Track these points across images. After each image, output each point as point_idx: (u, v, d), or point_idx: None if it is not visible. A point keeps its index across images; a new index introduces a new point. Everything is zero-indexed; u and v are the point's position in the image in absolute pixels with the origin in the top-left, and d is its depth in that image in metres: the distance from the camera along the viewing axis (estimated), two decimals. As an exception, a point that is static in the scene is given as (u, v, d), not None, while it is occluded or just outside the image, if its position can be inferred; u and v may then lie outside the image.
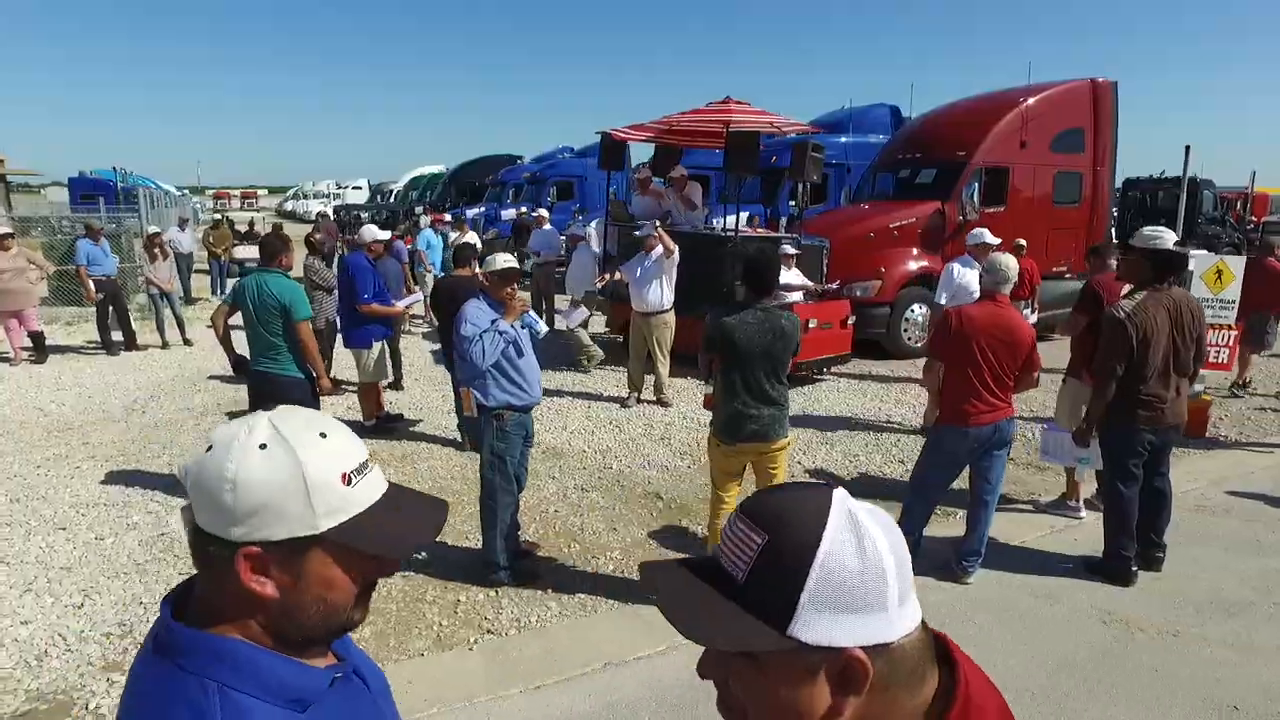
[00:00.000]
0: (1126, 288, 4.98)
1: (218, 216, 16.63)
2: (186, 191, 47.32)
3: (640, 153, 11.69)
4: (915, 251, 10.48)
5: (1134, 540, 4.30)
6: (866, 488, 5.72)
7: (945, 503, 5.43)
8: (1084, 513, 5.26)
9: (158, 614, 0.95)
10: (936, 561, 4.45)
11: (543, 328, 4.11)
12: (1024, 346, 4.05)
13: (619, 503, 5.44)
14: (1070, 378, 5.31)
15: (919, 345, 10.47)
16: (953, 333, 4.03)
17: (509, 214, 18.54)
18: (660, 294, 7.67)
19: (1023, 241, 10.11)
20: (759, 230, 9.79)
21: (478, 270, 6.13)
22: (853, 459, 6.42)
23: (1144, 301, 4.07)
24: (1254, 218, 26.78)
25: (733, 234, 8.74)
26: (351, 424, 5.07)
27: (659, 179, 10.09)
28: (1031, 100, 10.90)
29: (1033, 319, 9.66)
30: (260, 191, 78.02)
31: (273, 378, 4.81)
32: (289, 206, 57.05)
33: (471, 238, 12.31)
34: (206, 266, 15.61)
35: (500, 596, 4.13)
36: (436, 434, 6.87)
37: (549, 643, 3.74)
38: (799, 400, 8.12)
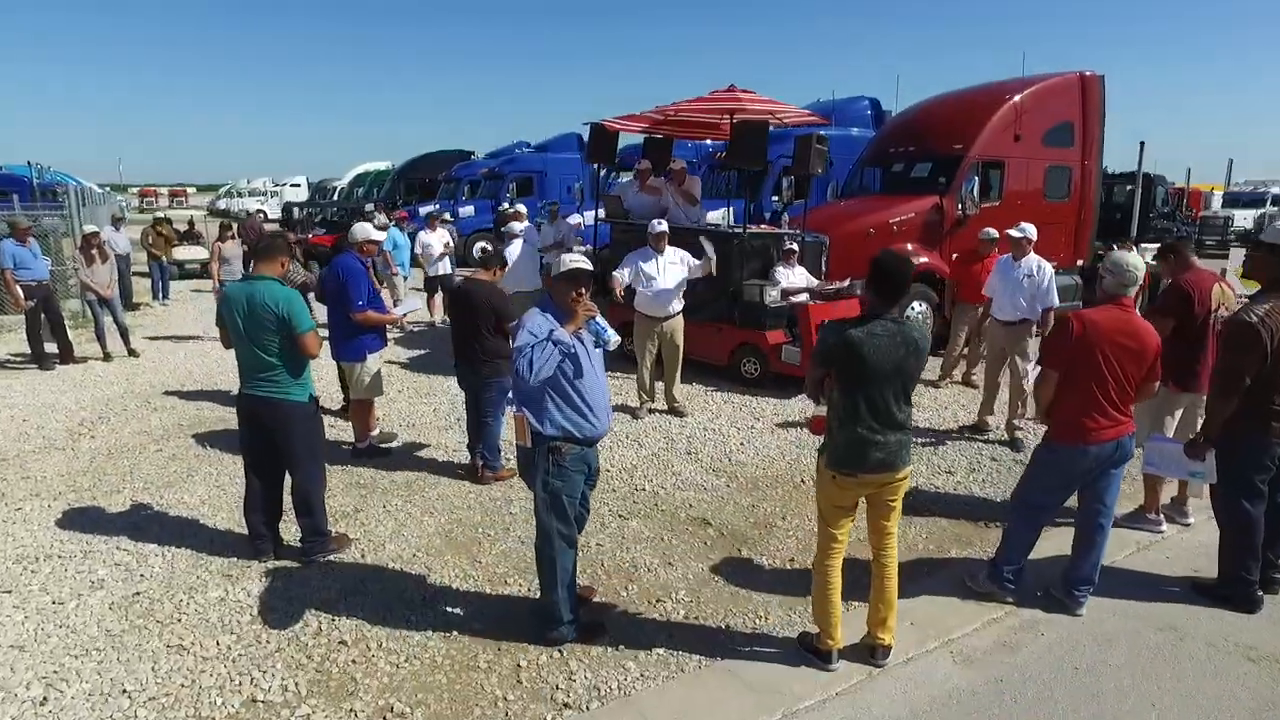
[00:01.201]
0: (1217, 286, 4.66)
1: (160, 214, 15.32)
2: (108, 189, 44.70)
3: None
4: (914, 248, 10.14)
5: (1259, 562, 3.92)
6: (926, 504, 5.26)
7: (995, 517, 5.04)
8: (1164, 526, 4.91)
9: None
10: (1033, 589, 4.01)
11: (614, 338, 3.48)
12: (1150, 354, 3.61)
13: (665, 532, 4.86)
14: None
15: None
16: (1074, 340, 3.56)
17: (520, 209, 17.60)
18: (678, 297, 7.11)
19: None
20: (762, 227, 9.29)
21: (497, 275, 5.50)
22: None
23: (1278, 305, 3.68)
24: (1191, 213, 27.57)
25: (739, 230, 8.22)
26: (344, 447, 4.38)
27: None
28: (1024, 93, 10.68)
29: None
30: (189, 189, 74.90)
31: (274, 404, 4.08)
32: (221, 205, 54.86)
33: (443, 236, 11.56)
34: (145, 269, 14.38)
35: (567, 657, 3.51)
36: (438, 455, 6.17)
37: (642, 717, 3.14)
38: (811, 405, 7.66)
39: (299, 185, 51.91)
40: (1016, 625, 3.81)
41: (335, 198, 36.22)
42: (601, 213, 9.98)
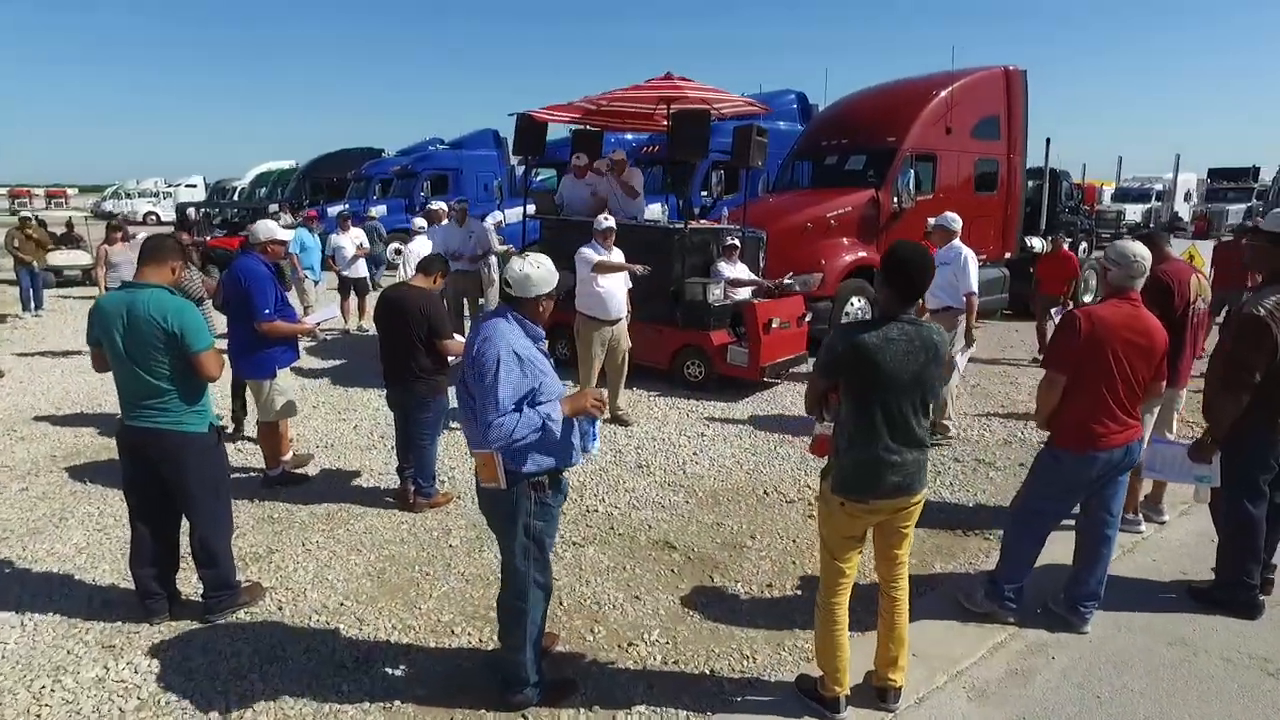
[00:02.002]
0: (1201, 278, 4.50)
1: (27, 215, 13.79)
2: None
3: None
4: (851, 242, 9.97)
5: (1260, 565, 3.73)
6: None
7: (971, 525, 4.78)
8: (1144, 525, 4.73)
9: None
10: (1032, 604, 3.72)
11: (596, 447, 3.07)
12: (1159, 352, 3.35)
13: (626, 559, 4.37)
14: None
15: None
16: (1082, 339, 3.25)
17: (439, 207, 16.45)
18: (624, 298, 6.63)
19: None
20: (702, 222, 8.90)
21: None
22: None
23: (1286, 296, 3.46)
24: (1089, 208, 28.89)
25: (680, 225, 7.80)
26: (252, 474, 3.62)
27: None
28: (953, 86, 10.66)
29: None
30: (70, 190, 69.96)
31: (165, 436, 3.38)
32: (107, 206, 51.44)
33: (356, 237, 10.73)
34: (14, 276, 12.90)
35: (534, 726, 2.99)
36: (363, 480, 5.49)
37: (630, 800, 2.65)
38: (764, 408, 7.32)
39: (195, 186, 49.18)
40: (1024, 649, 3.49)
41: (235, 198, 34.26)
42: (531, 209, 9.41)
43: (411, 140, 25.06)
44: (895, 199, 10.04)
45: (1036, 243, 13.37)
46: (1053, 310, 9.07)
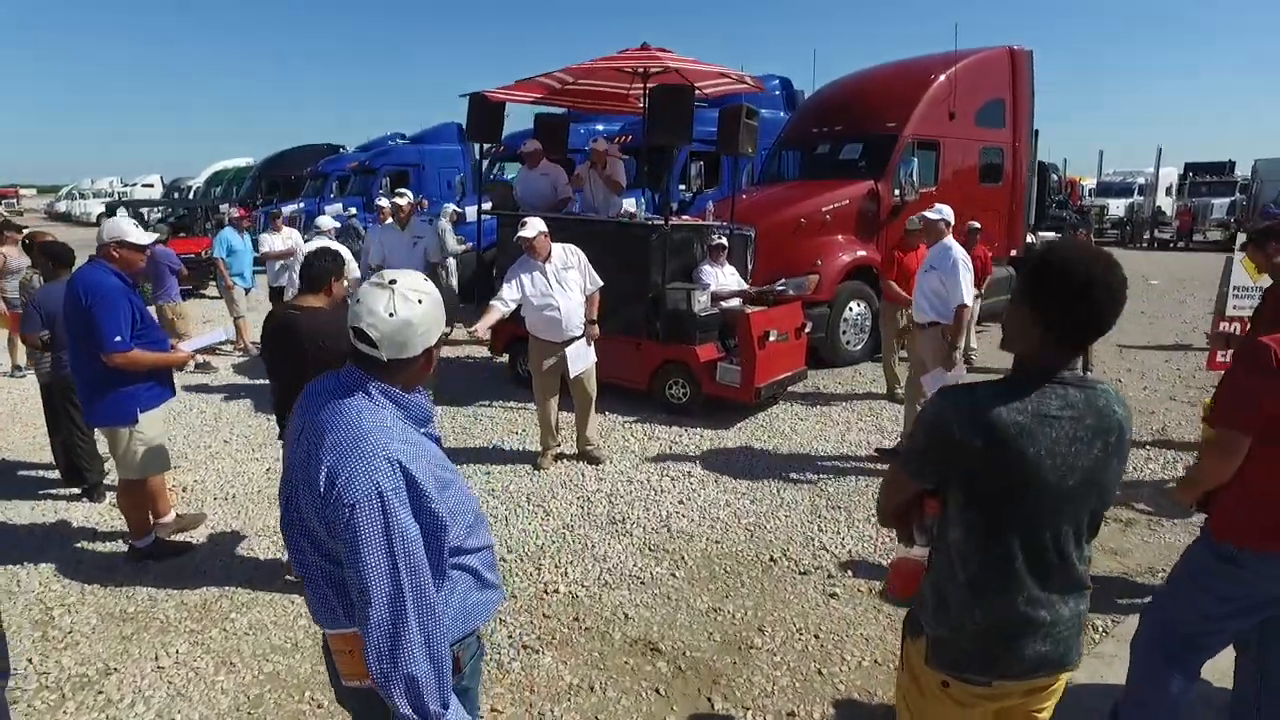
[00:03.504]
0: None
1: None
2: None
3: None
4: (849, 239, 8.92)
5: None
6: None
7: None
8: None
9: None
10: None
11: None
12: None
13: (595, 670, 3.24)
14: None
15: (858, 349, 8.96)
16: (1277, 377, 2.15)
17: (331, 213, 15.07)
18: (578, 314, 5.46)
19: (977, 224, 8.88)
20: (684, 218, 7.78)
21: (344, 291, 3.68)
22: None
23: None
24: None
25: (659, 222, 6.68)
26: (117, 547, 2.12)
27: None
28: (957, 67, 9.64)
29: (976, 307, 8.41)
30: (26, 191, 67.50)
31: None
32: (62, 208, 49.65)
33: (289, 238, 9.43)
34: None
35: None
36: (261, 549, 4.31)
37: None
38: (761, 436, 6.22)
39: (151, 185, 47.32)
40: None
41: (191, 198, 32.68)
42: (487, 205, 8.24)
43: (377, 135, 23.75)
44: (896, 191, 9.01)
45: (1031, 239, 12.50)
46: None
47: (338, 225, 9.33)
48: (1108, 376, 8.09)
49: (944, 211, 5.50)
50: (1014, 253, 10.99)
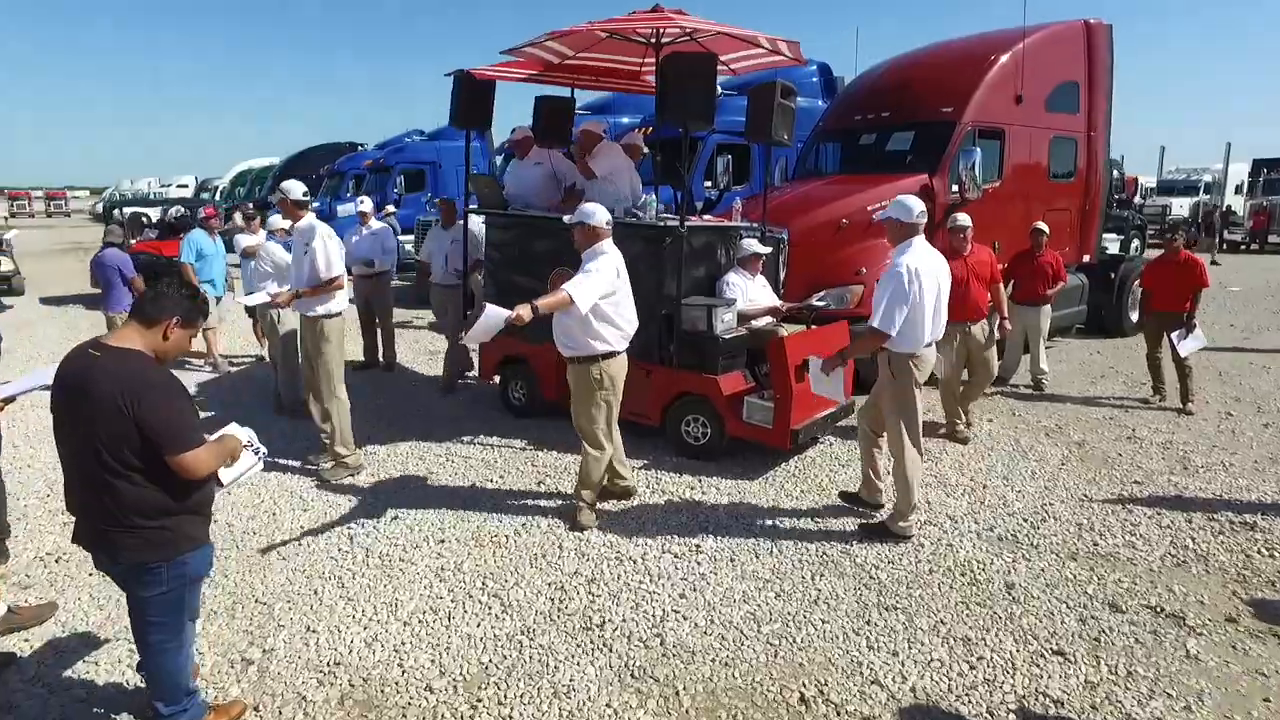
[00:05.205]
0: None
1: None
2: None
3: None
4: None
5: None
6: None
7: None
8: None
9: None
10: None
11: None
12: None
13: None
14: None
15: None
16: None
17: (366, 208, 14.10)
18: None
19: (1044, 227, 7.56)
20: (705, 218, 6.58)
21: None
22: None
23: None
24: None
25: (674, 222, 5.50)
26: None
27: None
28: (1024, 43, 8.29)
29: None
30: (80, 192, 68.89)
31: None
32: (99, 209, 50.38)
33: (257, 239, 8.37)
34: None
35: None
36: (101, 670, 3.22)
37: None
38: (794, 493, 5.01)
39: (186, 186, 47.62)
40: None
41: (217, 198, 32.40)
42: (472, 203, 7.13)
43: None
44: (955, 186, 7.71)
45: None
46: (1173, 335, 6.75)
47: (354, 212, 8.29)
48: (1212, 411, 6.69)
49: (910, 205, 4.24)
50: (1086, 259, 9.61)
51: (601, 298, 4.11)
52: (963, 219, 6.28)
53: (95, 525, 2.41)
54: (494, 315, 3.76)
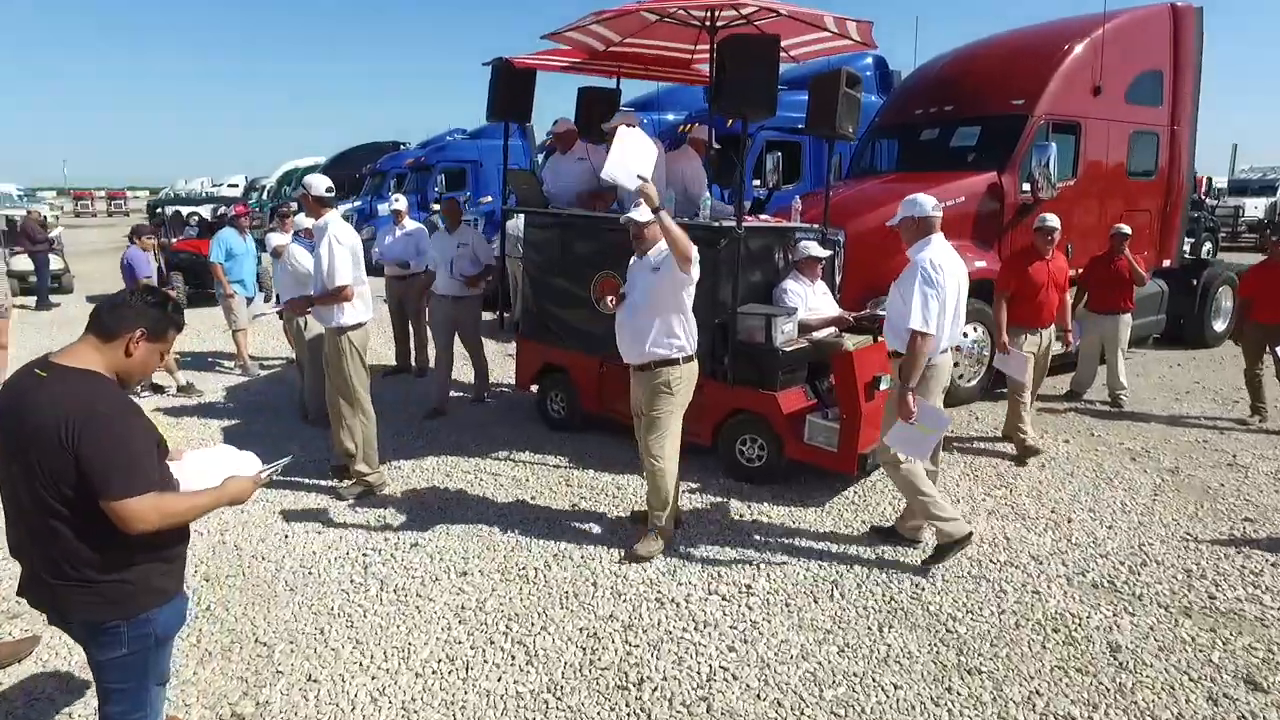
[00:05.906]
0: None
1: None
2: (31, 193, 40.20)
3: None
4: (964, 246, 7.02)
5: None
6: None
7: None
8: None
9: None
10: None
11: None
12: None
13: None
14: None
15: (972, 384, 7.11)
16: None
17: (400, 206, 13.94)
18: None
19: (1126, 229, 6.92)
20: (763, 218, 6.10)
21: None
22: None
23: None
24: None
25: (730, 224, 5.04)
26: None
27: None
28: (1103, 29, 7.63)
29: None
30: (140, 192, 70.89)
31: None
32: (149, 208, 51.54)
33: (286, 238, 8.11)
34: None
35: None
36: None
37: None
38: (847, 517, 4.52)
39: (236, 185, 48.43)
40: None
41: (264, 197, 32.80)
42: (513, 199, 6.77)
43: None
44: (1027, 185, 7.12)
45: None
46: (1277, 349, 6.08)
47: (353, 213, 8.12)
48: (1324, 433, 6.01)
49: (924, 203, 3.98)
50: (1166, 263, 8.89)
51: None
52: (1052, 219, 5.78)
53: (40, 576, 2.05)
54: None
